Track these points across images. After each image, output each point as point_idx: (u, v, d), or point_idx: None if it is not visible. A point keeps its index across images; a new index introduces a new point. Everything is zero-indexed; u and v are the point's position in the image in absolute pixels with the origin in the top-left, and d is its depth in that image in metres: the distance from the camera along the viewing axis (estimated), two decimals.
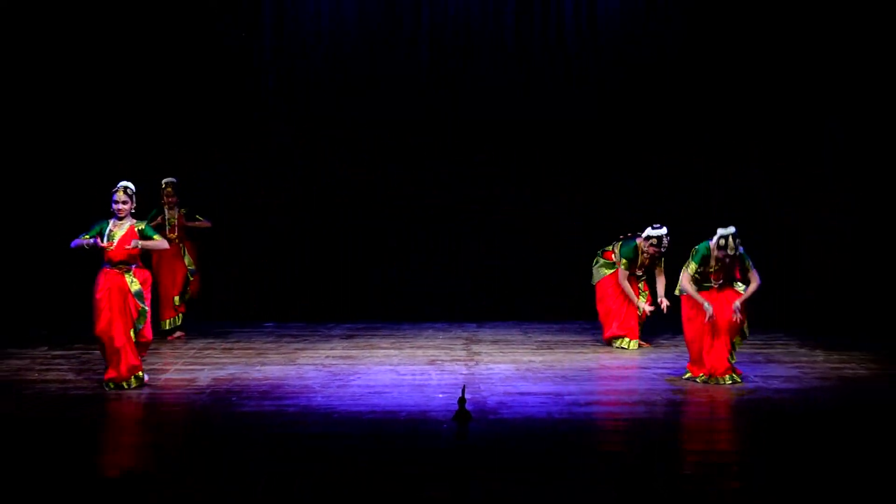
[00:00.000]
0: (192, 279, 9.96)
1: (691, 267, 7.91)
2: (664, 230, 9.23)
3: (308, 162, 11.34)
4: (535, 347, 9.59)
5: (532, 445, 6.30)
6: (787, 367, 8.58)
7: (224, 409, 7.08)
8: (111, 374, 7.63)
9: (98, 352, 7.87)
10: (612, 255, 9.53)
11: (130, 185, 7.71)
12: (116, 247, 7.59)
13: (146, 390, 7.59)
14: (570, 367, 8.58)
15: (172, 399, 7.37)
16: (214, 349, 9.38)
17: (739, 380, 7.88)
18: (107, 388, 7.56)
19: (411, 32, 11.00)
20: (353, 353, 9.28)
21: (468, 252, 11.42)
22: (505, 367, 8.61)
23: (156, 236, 7.78)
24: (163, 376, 8.11)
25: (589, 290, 9.79)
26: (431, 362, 8.82)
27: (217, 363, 8.68)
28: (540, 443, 6.36)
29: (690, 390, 7.70)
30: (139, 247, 7.62)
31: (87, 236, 7.60)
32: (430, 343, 9.88)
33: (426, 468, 5.76)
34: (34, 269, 10.90)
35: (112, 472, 5.75)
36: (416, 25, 11.00)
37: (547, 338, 10.10)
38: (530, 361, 8.87)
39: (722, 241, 7.80)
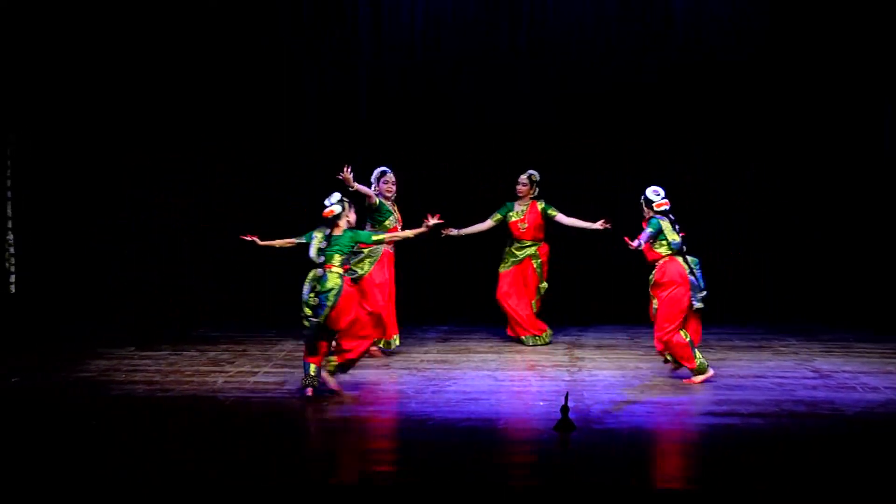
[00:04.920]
0: None
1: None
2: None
3: (403, 162, 11.52)
4: (642, 353, 9.53)
5: (639, 458, 6.28)
6: None
7: (315, 413, 7.20)
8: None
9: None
10: None
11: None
12: None
13: (234, 394, 7.74)
14: (679, 374, 8.47)
15: (261, 403, 7.50)
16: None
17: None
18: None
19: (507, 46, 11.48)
20: (449, 357, 9.36)
21: (571, 251, 11.41)
22: (610, 373, 8.60)
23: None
24: (251, 379, 8.27)
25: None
26: (531, 368, 8.83)
27: None
28: (648, 455, 6.35)
29: (813, 402, 7.58)
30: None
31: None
32: (530, 348, 9.88)
33: (526, 480, 5.79)
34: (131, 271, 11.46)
35: (196, 480, 5.87)
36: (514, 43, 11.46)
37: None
38: (637, 368, 8.83)
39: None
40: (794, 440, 6.73)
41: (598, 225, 9.56)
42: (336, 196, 7.78)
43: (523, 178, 10.08)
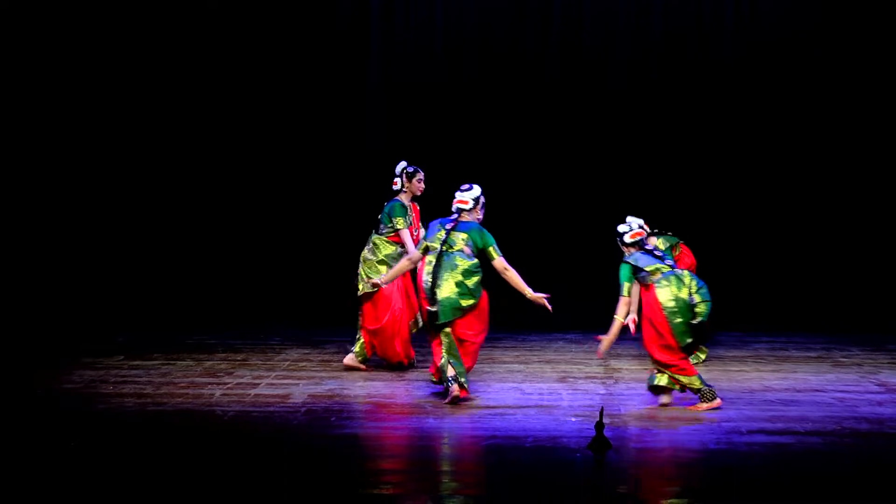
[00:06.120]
0: None
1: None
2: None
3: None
4: None
5: (682, 480, 6.22)
6: None
7: (322, 430, 7.15)
8: None
9: None
10: None
11: None
12: None
13: (234, 408, 7.69)
14: (728, 387, 8.47)
15: (263, 417, 7.44)
16: (310, 361, 9.52)
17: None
18: None
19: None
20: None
21: (605, 252, 11.35)
22: None
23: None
24: (252, 391, 8.23)
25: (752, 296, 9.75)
26: (562, 380, 8.80)
27: (314, 377, 8.79)
28: (692, 478, 6.28)
29: (879, 419, 7.46)
30: None
31: None
32: (561, 357, 9.88)
33: (556, 503, 5.72)
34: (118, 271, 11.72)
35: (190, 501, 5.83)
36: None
37: None
38: None
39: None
40: (857, 461, 6.60)
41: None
42: (637, 220, 8.07)
43: (422, 173, 9.17)
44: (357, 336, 9.12)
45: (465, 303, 7.88)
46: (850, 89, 11.65)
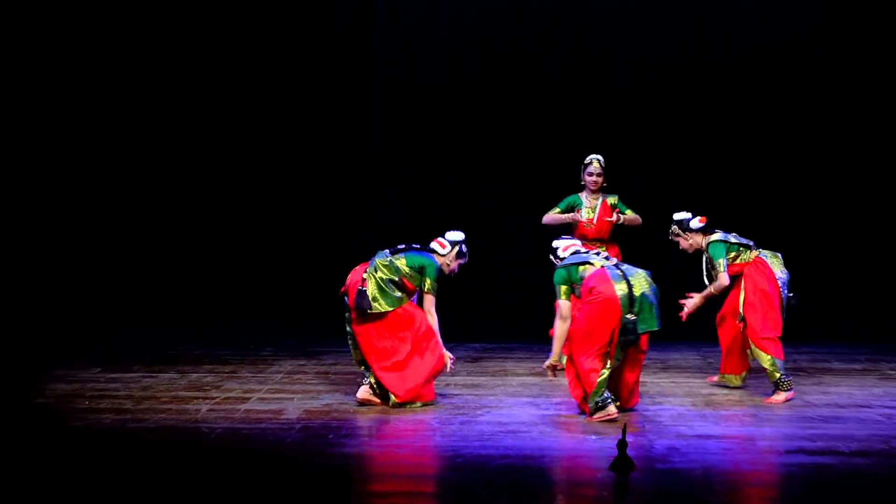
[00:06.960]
0: None
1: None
2: None
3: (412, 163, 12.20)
4: (718, 377, 9.33)
5: None
6: None
7: (318, 449, 7.09)
8: None
9: None
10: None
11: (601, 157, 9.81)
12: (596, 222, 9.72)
13: (221, 424, 7.63)
14: (764, 402, 8.43)
15: (253, 435, 7.39)
16: (306, 373, 9.51)
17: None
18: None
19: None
20: (481, 380, 9.31)
21: (625, 255, 11.36)
22: (678, 400, 8.53)
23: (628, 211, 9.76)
24: (242, 407, 8.19)
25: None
26: None
27: (309, 391, 8.76)
28: (724, 502, 6.21)
29: None
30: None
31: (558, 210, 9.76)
32: None
33: None
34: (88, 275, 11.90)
35: None
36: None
37: None
38: (711, 395, 8.75)
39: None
40: None
41: None
42: (598, 156, 9.87)
43: (466, 260, 8.71)
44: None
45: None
46: (851, 89, 11.81)
